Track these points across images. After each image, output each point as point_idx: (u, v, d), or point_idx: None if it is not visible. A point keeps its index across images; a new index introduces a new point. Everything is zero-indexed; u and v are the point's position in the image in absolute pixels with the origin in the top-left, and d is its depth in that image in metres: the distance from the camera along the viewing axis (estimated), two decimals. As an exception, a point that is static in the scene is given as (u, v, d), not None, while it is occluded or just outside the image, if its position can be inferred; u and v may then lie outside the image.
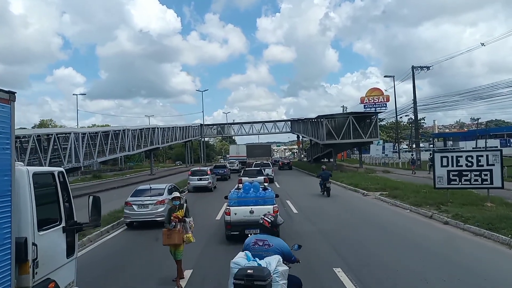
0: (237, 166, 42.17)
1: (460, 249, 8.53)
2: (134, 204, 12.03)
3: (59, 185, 4.42)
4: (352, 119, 34.44)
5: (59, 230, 4.32)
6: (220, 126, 69.94)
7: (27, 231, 3.72)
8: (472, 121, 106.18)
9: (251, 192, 10.00)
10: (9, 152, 3.47)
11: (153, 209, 11.92)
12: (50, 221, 4.22)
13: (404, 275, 6.73)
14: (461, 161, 13.23)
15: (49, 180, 4.35)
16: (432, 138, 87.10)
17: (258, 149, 51.30)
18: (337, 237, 9.94)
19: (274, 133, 68.51)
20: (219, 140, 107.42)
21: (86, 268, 7.06)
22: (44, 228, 4.01)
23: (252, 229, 8.70)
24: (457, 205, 12.86)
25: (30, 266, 3.68)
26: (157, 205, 11.97)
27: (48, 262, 4.02)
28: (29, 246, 3.69)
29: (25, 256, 3.64)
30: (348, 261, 7.57)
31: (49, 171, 4.48)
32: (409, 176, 28.13)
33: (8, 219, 3.43)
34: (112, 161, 61.58)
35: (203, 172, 23.15)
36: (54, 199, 4.35)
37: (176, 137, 54.77)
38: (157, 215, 11.68)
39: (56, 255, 4.24)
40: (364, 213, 13.83)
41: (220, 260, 7.41)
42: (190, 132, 62.29)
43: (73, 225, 4.59)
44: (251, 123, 68.66)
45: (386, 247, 8.84)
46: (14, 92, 3.55)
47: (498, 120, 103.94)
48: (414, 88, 33.46)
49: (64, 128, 42.88)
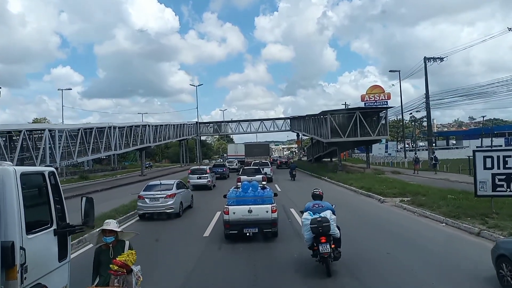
0: (236, 165, 41.53)
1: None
2: (146, 198, 13.39)
3: (49, 186, 4.27)
4: (359, 115, 31.06)
5: (50, 233, 4.18)
6: (216, 124, 67.49)
7: (14, 234, 3.59)
8: (470, 120, 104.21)
9: (249, 191, 9.97)
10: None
11: (163, 202, 13.25)
12: (40, 224, 4.08)
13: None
14: (510, 162, 10.62)
15: (38, 180, 4.20)
16: (434, 136, 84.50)
17: (256, 148, 49.73)
18: (369, 268, 7.27)
19: (273, 131, 66.24)
20: (216, 139, 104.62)
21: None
22: (34, 231, 3.88)
23: (250, 228, 9.18)
24: (505, 218, 10.25)
25: (18, 271, 3.54)
26: (167, 199, 13.29)
27: (38, 267, 3.87)
28: (17, 250, 3.55)
29: (12, 261, 3.49)
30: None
31: (38, 171, 4.37)
32: (425, 177, 25.42)
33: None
34: (106, 160, 58.84)
35: (202, 171, 24.06)
36: (45, 200, 4.21)
37: (170, 136, 52.04)
38: (167, 208, 13.22)
39: (47, 259, 4.10)
40: (390, 226, 11.21)
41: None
42: (185, 130, 59.61)
43: (65, 227, 4.43)
44: (249, 121, 66.55)
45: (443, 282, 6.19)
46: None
47: (496, 119, 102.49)
48: (426, 81, 30.74)
49: (38, 124, 40.06)
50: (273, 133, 68.82)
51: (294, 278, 6.83)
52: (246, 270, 7.41)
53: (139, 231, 7.03)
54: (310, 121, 44.02)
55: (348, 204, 15.42)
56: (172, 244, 9.89)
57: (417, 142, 76.10)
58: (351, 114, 32.00)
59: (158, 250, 8.96)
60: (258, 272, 7.25)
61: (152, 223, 13.04)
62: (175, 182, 14.68)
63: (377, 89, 48.62)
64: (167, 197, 13.31)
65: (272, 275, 7.06)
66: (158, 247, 9.35)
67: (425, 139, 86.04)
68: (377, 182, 20.83)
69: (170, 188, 13.88)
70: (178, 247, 9.55)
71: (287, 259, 7.92)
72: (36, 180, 4.15)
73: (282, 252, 8.55)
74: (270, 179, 26.09)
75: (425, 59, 30.50)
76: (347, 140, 31.79)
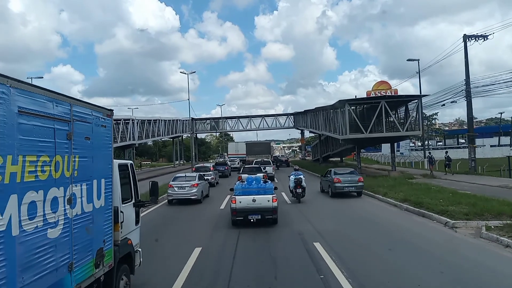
0: (238, 164, 40.26)
1: None
2: (175, 186, 16.51)
3: (131, 173, 6.02)
4: (385, 105, 24.52)
5: (131, 205, 5.97)
6: (214, 121, 61.84)
7: (118, 202, 5.29)
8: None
9: (253, 184, 11.72)
10: (111, 149, 5.06)
11: (188, 190, 16.43)
12: (127, 198, 5.78)
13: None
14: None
15: (126, 169, 5.88)
16: (444, 135, 78.51)
17: (258, 147, 46.21)
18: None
19: (275, 128, 61.26)
20: (215, 137, 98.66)
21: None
22: (124, 202, 5.62)
23: (254, 215, 10.86)
24: None
25: (120, 226, 5.32)
26: (192, 187, 16.51)
27: (126, 226, 5.62)
28: (119, 213, 5.27)
29: (116, 219, 5.18)
30: None
31: (126, 163, 6.00)
32: (462, 182, 20.57)
33: (110, 193, 4.95)
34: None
35: (206, 169, 25.04)
36: (128, 182, 5.91)
37: (160, 132, 46.38)
38: (192, 195, 16.36)
39: (130, 222, 5.86)
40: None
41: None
42: (179, 126, 53.79)
43: (139, 202, 6.21)
44: (249, 117, 61.56)
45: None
46: (112, 110, 5.16)
47: (497, 118, 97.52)
48: (466, 63, 24.63)
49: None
50: (273, 132, 64.02)
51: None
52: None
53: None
54: (319, 115, 37.80)
55: (400, 232, 9.90)
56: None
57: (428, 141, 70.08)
58: (375, 104, 25.53)
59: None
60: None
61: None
62: (197, 175, 17.93)
63: (384, 85, 42.81)
64: (192, 186, 16.54)
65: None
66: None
67: (436, 137, 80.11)
68: (422, 192, 15.20)
69: (194, 179, 17.04)
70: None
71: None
72: (124, 169, 5.82)
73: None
74: (272, 177, 25.55)
75: (464, 37, 24.51)
76: (369, 136, 25.39)
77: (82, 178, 4.20)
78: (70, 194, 3.89)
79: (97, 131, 4.63)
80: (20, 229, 3.08)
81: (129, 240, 5.76)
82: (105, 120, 4.90)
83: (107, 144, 4.97)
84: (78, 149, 4.10)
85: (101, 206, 4.70)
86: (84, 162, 4.23)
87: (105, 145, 4.90)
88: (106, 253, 4.80)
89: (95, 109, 4.66)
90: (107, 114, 5.03)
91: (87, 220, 4.32)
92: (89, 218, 4.37)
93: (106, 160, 4.93)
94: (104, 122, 4.86)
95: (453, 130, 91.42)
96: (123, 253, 5.50)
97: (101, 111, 4.84)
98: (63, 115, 3.83)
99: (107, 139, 4.99)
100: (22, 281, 3.09)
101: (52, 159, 3.59)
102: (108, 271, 4.95)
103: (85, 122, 4.33)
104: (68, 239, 3.86)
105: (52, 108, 3.63)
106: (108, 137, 5.04)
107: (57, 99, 3.73)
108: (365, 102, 28.21)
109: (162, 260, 7.94)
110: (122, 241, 5.44)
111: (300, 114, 54.18)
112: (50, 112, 3.59)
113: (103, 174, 4.77)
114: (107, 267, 4.86)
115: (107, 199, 4.88)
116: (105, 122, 4.91)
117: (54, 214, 3.59)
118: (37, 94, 3.41)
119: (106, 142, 4.93)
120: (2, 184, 2.88)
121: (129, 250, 5.76)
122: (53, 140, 3.62)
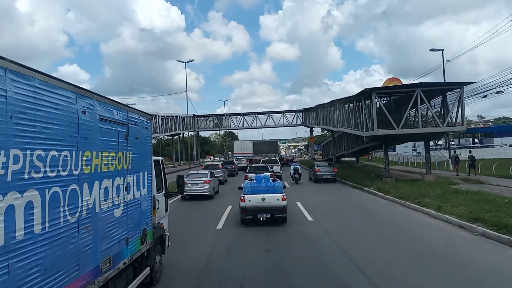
0: (245, 163, 39.71)
1: None
2: (188, 183, 17.10)
3: (162, 167, 7.18)
4: (420, 94, 20.06)
5: (162, 194, 7.13)
6: (217, 118, 60.61)
7: (154, 191, 6.30)
8: (479, 118, 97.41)
9: (262, 183, 11.86)
10: (151, 147, 6.07)
11: (201, 186, 17.72)
12: (159, 189, 6.89)
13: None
14: None
15: (158, 164, 6.95)
16: (461, 134, 75.97)
17: (265, 146, 46.96)
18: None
19: (282, 126, 59.88)
20: (219, 135, 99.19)
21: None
22: (158, 192, 6.75)
23: (264, 214, 10.83)
24: None
25: (156, 212, 6.41)
26: (204, 184, 17.79)
27: (159, 213, 6.70)
28: (155, 200, 6.33)
29: (154, 205, 6.18)
30: None
31: (158, 158, 7.06)
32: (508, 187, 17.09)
33: (150, 184, 5.91)
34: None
35: (215, 167, 26.20)
36: (160, 174, 7.03)
37: (156, 130, 43.64)
38: (204, 191, 17.68)
39: (162, 210, 6.96)
40: None
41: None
42: (178, 123, 51.72)
43: (168, 192, 7.42)
44: (255, 114, 59.75)
45: None
46: (152, 114, 6.53)
47: (506, 117, 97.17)
48: None
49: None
50: (279, 131, 63.91)
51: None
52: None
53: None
54: (335, 110, 32.77)
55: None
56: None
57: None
58: (408, 94, 20.76)
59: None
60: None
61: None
62: (209, 172, 19.35)
63: (395, 82, 42.97)
64: (204, 182, 17.78)
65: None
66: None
67: (452, 135, 77.06)
68: (490, 205, 11.31)
69: (206, 176, 18.33)
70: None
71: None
72: (157, 164, 6.84)
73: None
74: (280, 176, 25.69)
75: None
76: (402, 133, 21.15)
77: (134, 171, 5.15)
78: (126, 183, 4.87)
79: (142, 132, 5.59)
80: (100, 207, 4.06)
81: (162, 224, 6.84)
82: (147, 123, 5.88)
83: (148, 143, 5.93)
84: (131, 147, 5.06)
85: (145, 194, 5.66)
86: (135, 157, 5.19)
87: (147, 143, 5.85)
88: (148, 233, 5.78)
89: (142, 114, 5.66)
90: (149, 118, 6.01)
91: (137, 204, 5.28)
92: (138, 203, 5.33)
93: (148, 156, 5.88)
94: (147, 125, 5.84)
95: (470, 128, 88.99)
96: (158, 234, 6.54)
97: (145, 115, 5.82)
98: (123, 120, 4.81)
99: (148, 139, 5.95)
100: (101, 247, 4.07)
101: (117, 155, 4.57)
102: (149, 248, 5.93)
103: (135, 125, 5.29)
104: (126, 218, 4.84)
105: (117, 114, 4.62)
106: (149, 137, 5.99)
107: (119, 107, 4.72)
108: (396, 91, 23.26)
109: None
110: (157, 224, 6.49)
111: (310, 110, 51.51)
112: (116, 118, 4.57)
113: (146, 168, 5.73)
114: (148, 245, 5.83)
115: (149, 189, 5.84)
116: (147, 124, 5.89)
117: (118, 198, 4.58)
118: (108, 104, 4.39)
119: (148, 141, 5.90)
120: (90, 173, 3.86)
121: (162, 233, 6.81)
122: (117, 139, 4.60)
